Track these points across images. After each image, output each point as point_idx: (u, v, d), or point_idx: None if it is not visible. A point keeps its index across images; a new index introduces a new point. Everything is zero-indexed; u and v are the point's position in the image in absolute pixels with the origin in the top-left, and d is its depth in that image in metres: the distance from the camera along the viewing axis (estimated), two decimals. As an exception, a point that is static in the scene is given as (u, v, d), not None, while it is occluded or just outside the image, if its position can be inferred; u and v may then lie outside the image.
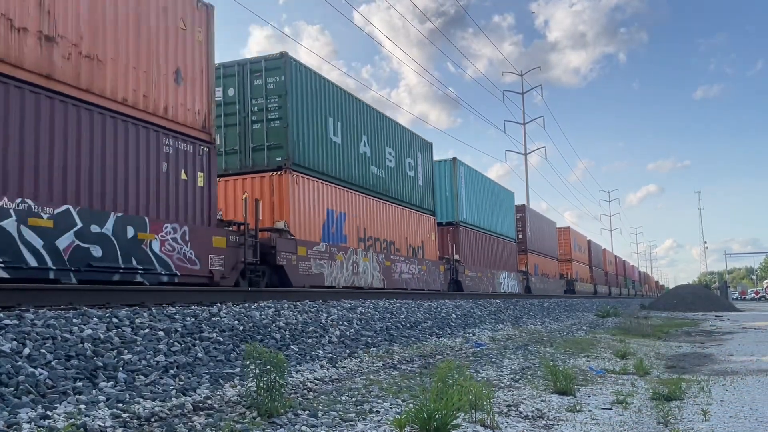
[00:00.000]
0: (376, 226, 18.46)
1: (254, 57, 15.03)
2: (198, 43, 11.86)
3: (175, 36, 11.28)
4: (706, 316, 32.06)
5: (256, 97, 14.84)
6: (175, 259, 10.57)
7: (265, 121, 14.68)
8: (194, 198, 11.37)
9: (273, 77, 14.71)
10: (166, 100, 10.97)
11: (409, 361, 9.39)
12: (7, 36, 8.26)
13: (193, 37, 11.75)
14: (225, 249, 11.76)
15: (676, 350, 13.47)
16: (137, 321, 7.30)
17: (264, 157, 14.56)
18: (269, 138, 14.60)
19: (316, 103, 15.74)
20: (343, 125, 16.99)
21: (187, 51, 11.56)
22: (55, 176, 8.85)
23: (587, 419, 5.83)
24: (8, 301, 7.08)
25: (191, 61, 11.64)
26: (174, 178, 10.95)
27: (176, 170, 11.03)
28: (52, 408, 4.84)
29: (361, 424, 5.11)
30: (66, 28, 9.17)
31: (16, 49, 8.40)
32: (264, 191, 14.33)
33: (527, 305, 24.20)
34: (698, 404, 6.66)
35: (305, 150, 15.12)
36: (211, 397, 5.79)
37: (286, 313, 10.06)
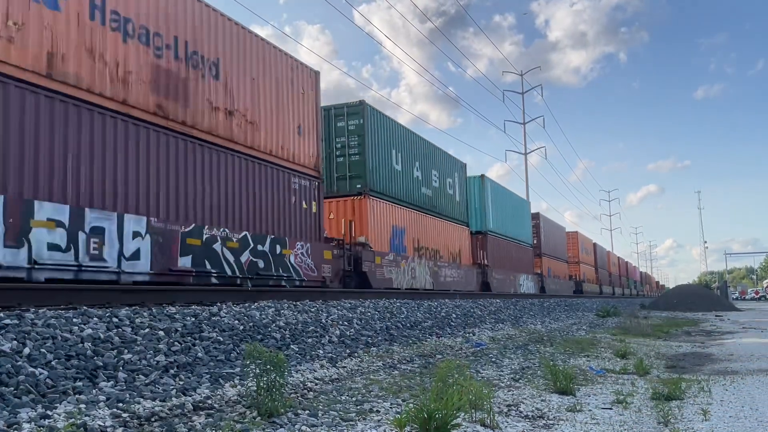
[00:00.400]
0: (426, 237, 22.07)
1: (338, 104, 18.55)
2: (311, 103, 15.46)
3: (298, 100, 14.95)
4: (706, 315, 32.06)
5: (339, 136, 18.35)
6: (303, 268, 14.20)
7: (347, 156, 18.28)
8: (310, 222, 14.93)
9: (353, 120, 18.32)
10: (293, 149, 14.61)
11: (409, 360, 9.39)
12: (208, 113, 12.09)
13: (308, 98, 15.36)
14: (331, 260, 15.47)
15: (676, 350, 13.47)
16: (137, 321, 7.30)
17: (346, 185, 18.11)
18: (351, 169, 18.19)
19: (384, 139, 19.51)
20: (402, 155, 20.79)
21: (305, 109, 15.20)
22: (237, 211, 12.56)
23: (587, 419, 5.83)
24: (8, 301, 7.08)
25: (307, 116, 15.25)
26: (299, 207, 14.58)
27: (300, 201, 14.63)
28: (52, 408, 4.84)
29: (361, 424, 5.10)
30: (238, 105, 12.88)
31: (213, 121, 12.19)
32: (347, 212, 17.79)
33: (527, 305, 24.20)
34: (698, 404, 6.66)
35: (377, 178, 18.78)
36: (211, 396, 5.79)
37: (286, 313, 10.06)
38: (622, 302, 46.14)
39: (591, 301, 38.84)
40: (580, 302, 35.26)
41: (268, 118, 13.77)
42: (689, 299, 40.43)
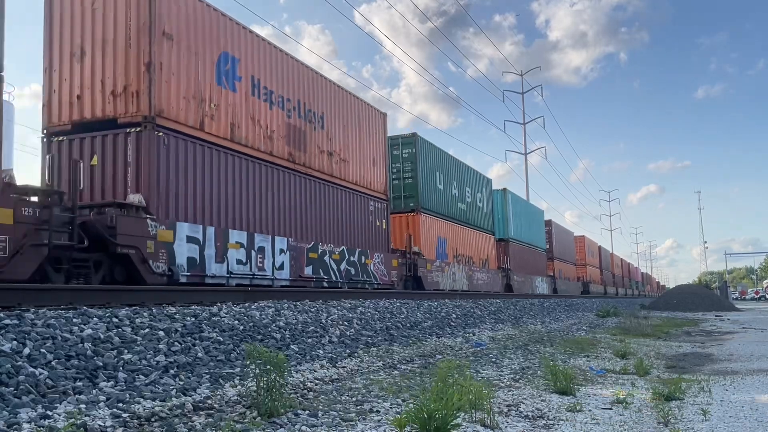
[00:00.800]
0: (462, 245, 26.12)
1: (394, 135, 22.11)
2: (381, 139, 19.92)
3: (374, 138, 19.40)
4: (706, 316, 32.06)
5: (395, 162, 22.14)
6: (379, 274, 18.43)
7: (402, 179, 22.17)
8: (382, 236, 19.18)
9: (407, 149, 22.37)
10: (370, 177, 18.89)
11: (409, 360, 9.39)
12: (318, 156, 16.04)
13: (379, 135, 19.81)
14: (397, 267, 19.71)
15: (676, 350, 13.47)
16: (137, 321, 7.30)
17: (402, 203, 22.06)
18: (405, 190, 22.14)
19: (430, 164, 23.40)
20: (443, 176, 24.72)
21: (377, 145, 19.52)
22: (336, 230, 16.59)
23: (587, 419, 5.83)
24: (8, 301, 7.08)
25: (378, 150, 19.60)
26: (374, 225, 18.83)
27: (375, 220, 18.95)
28: (52, 408, 4.84)
29: (361, 424, 5.10)
30: (335, 147, 17.01)
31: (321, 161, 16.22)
32: (402, 226, 21.80)
33: (527, 305, 24.19)
34: (698, 404, 6.66)
35: (426, 196, 22.76)
36: (211, 396, 5.79)
37: (286, 313, 10.06)
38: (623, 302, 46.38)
39: (591, 301, 38.85)
40: (580, 302, 35.26)
41: (353, 155, 18.06)
42: (689, 299, 40.43)
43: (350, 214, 17.58)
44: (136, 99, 11.20)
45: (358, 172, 18.25)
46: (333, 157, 16.89)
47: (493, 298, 22.94)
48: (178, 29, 11.86)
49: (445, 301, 17.94)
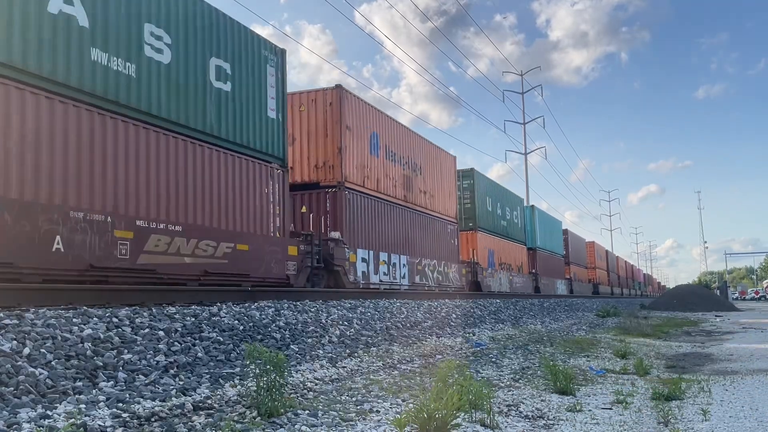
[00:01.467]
0: (504, 255, 31.98)
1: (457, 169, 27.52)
2: (452, 175, 25.66)
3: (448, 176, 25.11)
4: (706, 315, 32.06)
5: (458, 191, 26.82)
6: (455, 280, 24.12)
7: (462, 204, 27.40)
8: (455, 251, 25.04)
9: (466, 181, 28.06)
10: (447, 207, 24.65)
11: (409, 360, 9.39)
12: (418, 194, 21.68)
13: (451, 173, 25.59)
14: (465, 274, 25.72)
15: (676, 350, 13.47)
16: (137, 321, 7.30)
17: (463, 224, 27.24)
18: (465, 213, 27.71)
19: (482, 190, 29.29)
20: (491, 199, 30.73)
21: (450, 181, 25.35)
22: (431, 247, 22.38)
23: (587, 419, 5.83)
24: (8, 301, 7.08)
25: (451, 185, 25.46)
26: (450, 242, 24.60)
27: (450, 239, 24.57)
28: (52, 408, 4.84)
29: (361, 424, 5.10)
30: (426, 186, 22.55)
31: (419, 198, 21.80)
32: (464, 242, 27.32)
33: (527, 305, 24.17)
34: (698, 404, 6.66)
35: (480, 218, 28.61)
36: (211, 396, 5.79)
37: (286, 313, 10.06)
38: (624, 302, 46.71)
39: (591, 301, 38.87)
40: (580, 302, 35.28)
41: (437, 191, 23.82)
42: (689, 299, 40.43)
43: (437, 236, 23.37)
44: (332, 170, 17.00)
45: (440, 203, 24.12)
46: (426, 194, 22.80)
47: (493, 298, 22.94)
48: (352, 122, 17.69)
49: (445, 300, 17.94)
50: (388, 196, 19.44)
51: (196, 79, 11.63)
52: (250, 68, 13.15)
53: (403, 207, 20.41)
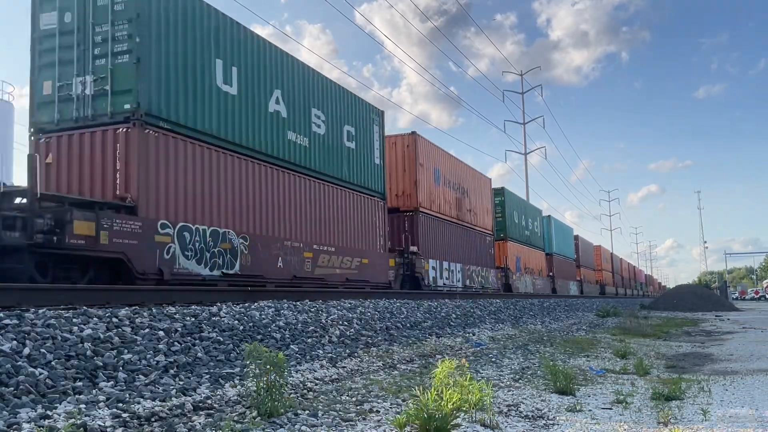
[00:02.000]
0: (528, 260, 36.95)
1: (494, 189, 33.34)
2: (489, 194, 30.50)
3: (486, 195, 29.97)
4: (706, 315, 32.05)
5: None
6: (492, 282, 29.46)
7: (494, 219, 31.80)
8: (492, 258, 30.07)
9: (498, 197, 32.70)
10: (486, 221, 29.47)
11: (409, 360, 9.39)
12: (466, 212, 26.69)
13: (488, 192, 30.55)
14: (500, 278, 31.20)
15: (676, 350, 13.47)
16: (137, 321, 7.29)
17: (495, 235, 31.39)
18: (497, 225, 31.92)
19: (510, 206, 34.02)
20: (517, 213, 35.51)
21: (488, 199, 30.12)
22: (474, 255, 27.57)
23: (587, 419, 5.83)
24: (8, 301, 7.08)
25: (487, 203, 30.13)
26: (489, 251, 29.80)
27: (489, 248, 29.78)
28: (52, 408, 4.84)
29: (361, 424, 5.11)
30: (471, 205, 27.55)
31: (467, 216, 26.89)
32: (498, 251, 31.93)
33: (527, 305, 24.17)
34: (698, 404, 6.66)
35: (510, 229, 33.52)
36: (211, 396, 5.79)
37: (286, 313, 10.05)
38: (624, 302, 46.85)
39: (591, 301, 38.89)
40: (580, 302, 35.30)
41: (479, 208, 28.63)
42: (689, 299, 40.43)
43: (480, 246, 28.58)
44: (409, 198, 21.60)
45: (481, 219, 28.92)
46: (471, 212, 27.54)
47: (493, 298, 22.95)
48: (423, 160, 22.37)
49: (445, 300, 17.94)
50: (447, 216, 24.55)
51: (337, 143, 16.64)
52: (364, 129, 18.20)
53: (456, 224, 25.57)
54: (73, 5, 11.21)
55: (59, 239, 9.14)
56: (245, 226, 12.83)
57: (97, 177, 10.79)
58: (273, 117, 13.93)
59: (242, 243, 12.62)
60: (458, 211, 25.84)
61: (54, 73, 11.23)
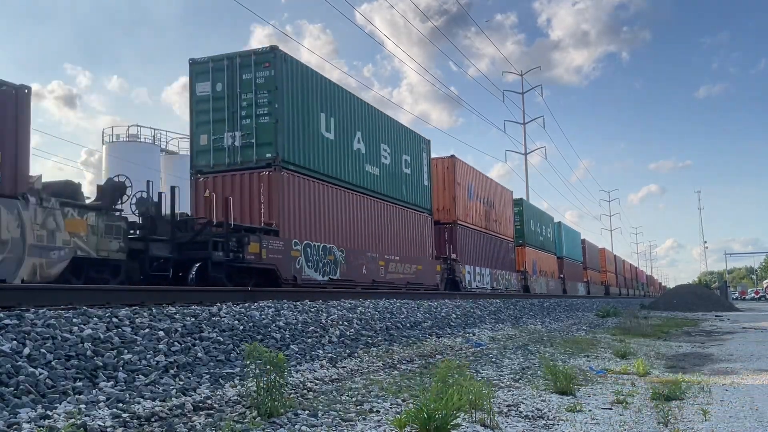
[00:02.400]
0: (543, 264, 40.60)
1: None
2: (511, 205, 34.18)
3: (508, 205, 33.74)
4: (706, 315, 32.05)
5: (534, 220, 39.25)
6: (513, 283, 33.14)
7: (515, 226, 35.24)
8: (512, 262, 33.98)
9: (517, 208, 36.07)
10: (508, 230, 33.43)
11: (409, 360, 9.39)
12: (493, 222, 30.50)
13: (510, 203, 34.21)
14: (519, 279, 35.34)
15: (676, 350, 13.47)
16: (137, 321, 7.29)
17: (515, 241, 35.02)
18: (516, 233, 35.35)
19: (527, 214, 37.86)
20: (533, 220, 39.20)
21: (509, 209, 33.83)
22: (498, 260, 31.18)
23: (587, 419, 5.83)
24: (8, 301, 7.08)
25: (509, 212, 33.63)
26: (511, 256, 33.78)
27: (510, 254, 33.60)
28: (52, 408, 4.84)
29: (361, 424, 5.10)
30: (496, 216, 31.06)
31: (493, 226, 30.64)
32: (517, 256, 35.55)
33: (527, 305, 24.16)
34: (698, 404, 6.66)
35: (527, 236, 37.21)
36: (211, 396, 5.79)
37: (286, 313, 10.05)
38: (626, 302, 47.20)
39: (591, 302, 38.90)
40: (580, 302, 35.30)
41: (502, 218, 31.78)
42: (689, 299, 40.41)
43: (504, 252, 32.20)
44: (449, 213, 25.14)
45: (504, 227, 32.32)
46: (497, 222, 30.97)
47: (493, 298, 22.95)
48: (460, 179, 26.04)
49: (445, 301, 17.94)
50: (478, 227, 28.15)
51: (398, 170, 20.64)
52: (416, 156, 22.24)
53: (485, 233, 29.17)
54: (223, 78, 14.70)
55: (241, 256, 12.58)
56: (342, 241, 16.59)
57: (245, 208, 14.20)
58: (356, 154, 17.78)
59: (341, 255, 16.47)
60: (486, 222, 29.58)
61: (209, 129, 14.77)
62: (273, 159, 14.16)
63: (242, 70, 14.64)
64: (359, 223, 17.65)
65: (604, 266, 66.76)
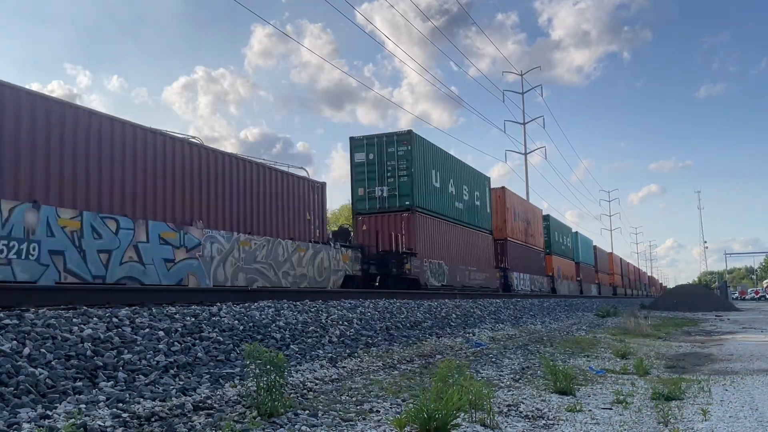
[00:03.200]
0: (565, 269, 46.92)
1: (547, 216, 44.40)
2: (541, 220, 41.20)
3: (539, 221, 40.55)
4: (706, 315, 32.05)
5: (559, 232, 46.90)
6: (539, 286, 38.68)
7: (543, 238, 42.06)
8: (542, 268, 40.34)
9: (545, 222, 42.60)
10: (539, 241, 40.11)
11: (409, 360, 9.38)
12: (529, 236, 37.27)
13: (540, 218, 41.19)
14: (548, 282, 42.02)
15: (676, 350, 13.47)
16: (137, 321, 7.30)
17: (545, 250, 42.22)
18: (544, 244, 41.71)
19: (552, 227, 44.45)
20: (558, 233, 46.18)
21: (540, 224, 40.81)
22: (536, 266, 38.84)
23: (587, 419, 5.83)
24: (8, 301, 7.08)
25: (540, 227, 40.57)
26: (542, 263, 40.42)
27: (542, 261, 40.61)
28: (52, 408, 4.84)
29: (361, 424, 5.10)
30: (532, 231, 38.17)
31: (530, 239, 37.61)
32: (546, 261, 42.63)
33: (527, 305, 24.16)
34: (698, 404, 6.66)
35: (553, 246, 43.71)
36: (211, 396, 5.79)
37: (286, 313, 10.05)
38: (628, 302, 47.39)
39: (591, 301, 38.95)
40: (580, 302, 35.37)
41: (535, 232, 38.30)
42: (689, 299, 40.42)
43: (537, 260, 38.64)
44: (501, 231, 31.44)
45: (537, 240, 38.58)
46: (532, 236, 37.40)
47: (493, 298, 22.95)
48: (509, 204, 32.61)
49: (445, 301, 17.95)
50: (521, 241, 34.90)
51: (473, 203, 27.63)
52: (482, 191, 29.26)
53: (525, 246, 35.83)
54: (374, 150, 21.58)
55: (402, 271, 20.00)
56: (447, 258, 23.86)
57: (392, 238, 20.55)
58: (450, 195, 24.95)
59: (447, 267, 23.69)
60: (525, 237, 36.33)
61: (364, 184, 21.57)
62: (410, 205, 21.24)
63: (387, 146, 21.49)
64: (454, 245, 24.90)
65: (612, 269, 73.24)
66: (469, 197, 27.10)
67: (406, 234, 20.68)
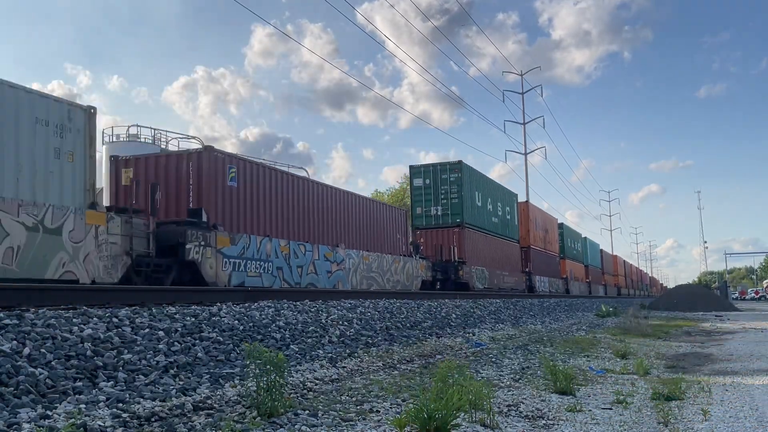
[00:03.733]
0: (575, 271, 51.93)
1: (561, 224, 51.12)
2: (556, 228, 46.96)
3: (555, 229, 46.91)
4: (706, 315, 32.05)
5: None
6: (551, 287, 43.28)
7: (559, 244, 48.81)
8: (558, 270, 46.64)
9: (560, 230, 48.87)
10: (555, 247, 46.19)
11: (409, 360, 9.38)
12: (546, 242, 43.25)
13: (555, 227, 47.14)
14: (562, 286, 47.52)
15: (676, 350, 13.47)
16: (137, 321, 7.30)
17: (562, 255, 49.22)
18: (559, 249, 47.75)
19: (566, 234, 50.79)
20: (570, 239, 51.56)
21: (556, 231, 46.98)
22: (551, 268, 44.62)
23: (587, 419, 5.83)
24: (8, 301, 7.08)
25: (555, 234, 46.51)
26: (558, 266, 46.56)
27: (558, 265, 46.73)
28: (52, 408, 4.84)
29: (361, 424, 5.10)
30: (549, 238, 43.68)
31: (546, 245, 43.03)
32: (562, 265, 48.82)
33: (527, 305, 24.16)
34: (698, 404, 6.66)
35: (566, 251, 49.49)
36: (211, 396, 5.79)
37: (286, 313, 10.05)
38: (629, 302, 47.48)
39: (591, 302, 38.95)
40: (579, 302, 35.35)
41: (552, 239, 43.95)
42: (689, 299, 40.41)
43: (554, 265, 43.63)
44: (525, 240, 37.01)
45: (553, 246, 43.57)
46: (549, 243, 41.86)
47: (493, 298, 22.96)
48: (531, 216, 38.29)
49: (445, 301, 17.95)
50: (541, 248, 39.56)
51: (504, 217, 33.27)
52: (512, 206, 34.72)
53: (544, 252, 40.86)
54: (430, 176, 27.06)
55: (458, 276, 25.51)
56: (487, 264, 28.80)
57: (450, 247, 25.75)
58: (488, 212, 30.45)
59: (487, 272, 28.77)
60: (544, 243, 41.13)
61: (422, 204, 27.02)
62: (461, 222, 26.54)
63: (441, 173, 26.98)
64: (492, 253, 30.09)
65: (616, 270, 78.11)
66: (502, 212, 32.72)
67: (458, 246, 26.03)
